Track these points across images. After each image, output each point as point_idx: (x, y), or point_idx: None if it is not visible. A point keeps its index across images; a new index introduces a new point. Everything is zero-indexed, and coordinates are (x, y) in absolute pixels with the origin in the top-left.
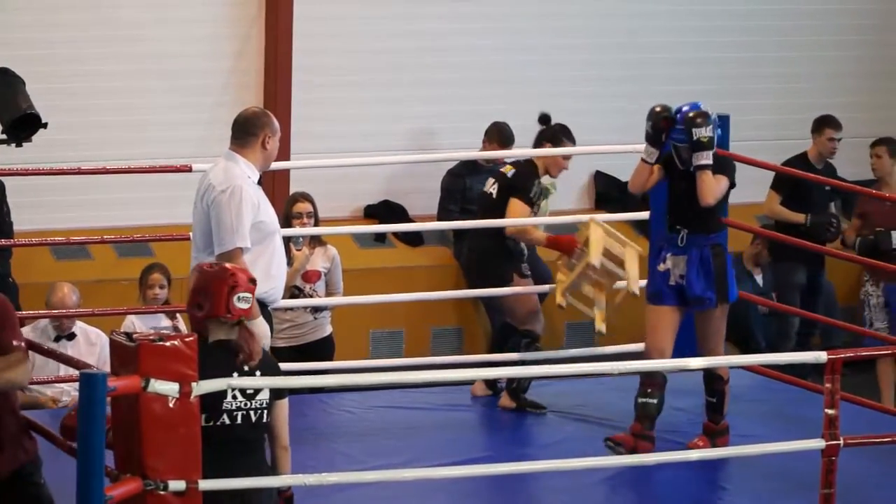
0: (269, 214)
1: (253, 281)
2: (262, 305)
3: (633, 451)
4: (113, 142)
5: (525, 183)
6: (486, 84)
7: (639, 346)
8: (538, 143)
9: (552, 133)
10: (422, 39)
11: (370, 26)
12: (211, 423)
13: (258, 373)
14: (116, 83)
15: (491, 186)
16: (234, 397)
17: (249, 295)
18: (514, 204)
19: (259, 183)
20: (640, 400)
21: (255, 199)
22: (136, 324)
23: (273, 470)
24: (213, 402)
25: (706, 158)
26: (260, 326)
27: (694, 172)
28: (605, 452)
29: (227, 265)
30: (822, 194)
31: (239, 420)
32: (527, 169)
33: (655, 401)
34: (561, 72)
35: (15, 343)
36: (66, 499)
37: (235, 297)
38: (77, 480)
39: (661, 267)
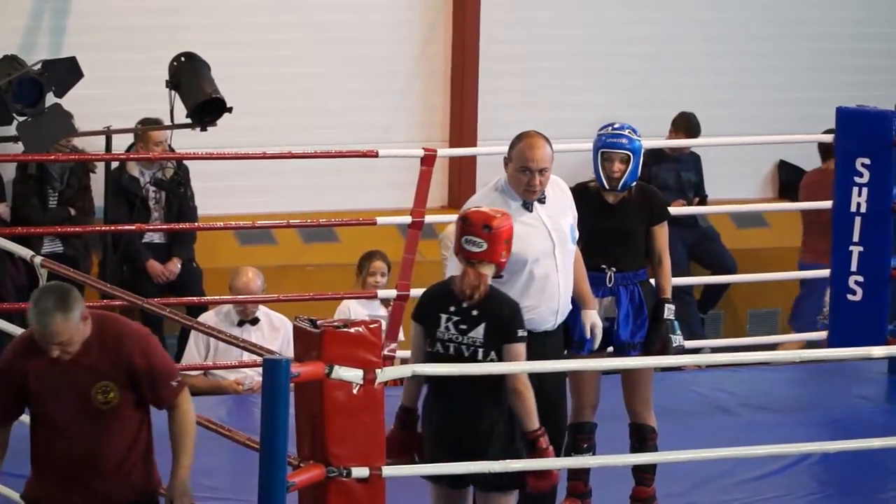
0: (517, 245)
1: (488, 227)
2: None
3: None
4: (298, 127)
5: None
6: (673, 73)
7: (821, 335)
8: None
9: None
10: (607, 28)
11: (556, 13)
12: (429, 350)
13: (475, 311)
14: (302, 68)
15: None
16: (447, 328)
17: (479, 240)
18: None
19: (528, 208)
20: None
21: None
22: (353, 309)
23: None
24: (429, 328)
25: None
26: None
27: (619, 207)
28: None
29: (473, 209)
30: None
31: (451, 352)
32: None
33: (591, 454)
34: (748, 62)
35: (174, 384)
36: (249, 486)
37: (464, 239)
38: (259, 467)
39: None
